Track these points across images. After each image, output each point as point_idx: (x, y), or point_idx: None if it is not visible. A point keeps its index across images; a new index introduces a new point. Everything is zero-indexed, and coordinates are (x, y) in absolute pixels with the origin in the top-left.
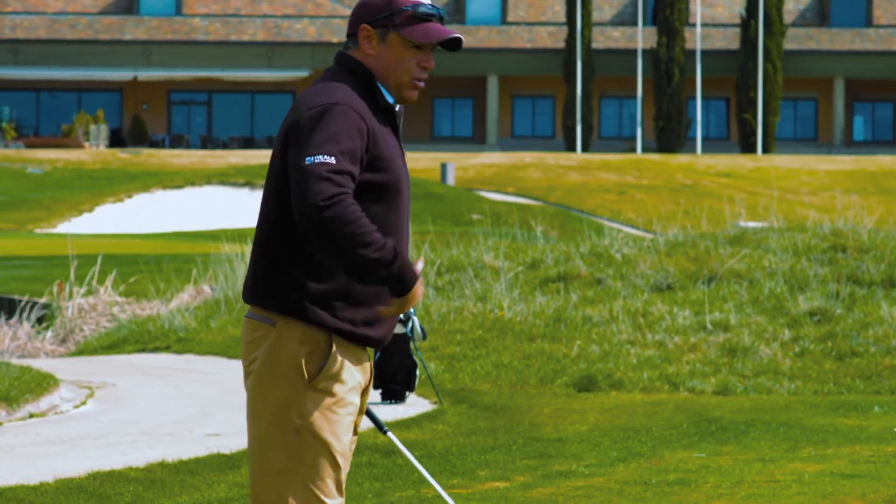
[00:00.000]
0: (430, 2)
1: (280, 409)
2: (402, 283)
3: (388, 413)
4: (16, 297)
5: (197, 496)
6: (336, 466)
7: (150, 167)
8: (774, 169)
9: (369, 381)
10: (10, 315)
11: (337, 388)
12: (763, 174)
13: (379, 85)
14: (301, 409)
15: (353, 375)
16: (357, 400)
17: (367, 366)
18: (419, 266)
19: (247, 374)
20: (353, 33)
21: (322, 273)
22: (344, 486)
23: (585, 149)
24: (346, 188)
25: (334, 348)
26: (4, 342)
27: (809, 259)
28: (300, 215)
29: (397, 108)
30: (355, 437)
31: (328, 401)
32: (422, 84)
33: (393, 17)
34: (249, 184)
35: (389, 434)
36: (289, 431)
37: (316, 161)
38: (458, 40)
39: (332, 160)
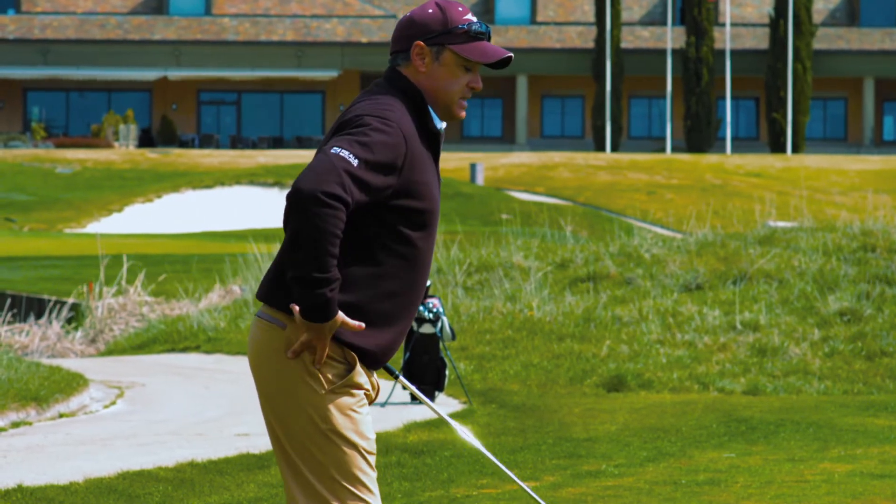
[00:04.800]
0: (478, 20)
1: (303, 416)
2: (317, 312)
3: (418, 413)
4: (45, 296)
5: (227, 496)
6: (368, 465)
7: (180, 167)
8: (804, 169)
9: (376, 392)
10: (39, 315)
11: (354, 389)
12: (793, 174)
13: (429, 107)
14: (323, 414)
15: (364, 378)
16: (367, 406)
17: (374, 380)
18: (342, 319)
19: (257, 379)
20: (403, 49)
21: (341, 286)
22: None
23: (615, 149)
24: (349, 200)
25: (354, 358)
26: (34, 342)
27: (839, 259)
28: (294, 190)
29: (442, 131)
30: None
31: (349, 401)
32: (466, 104)
33: (450, 36)
34: (279, 184)
35: (401, 377)
36: (316, 437)
37: (341, 154)
38: (510, 59)
39: (355, 163)
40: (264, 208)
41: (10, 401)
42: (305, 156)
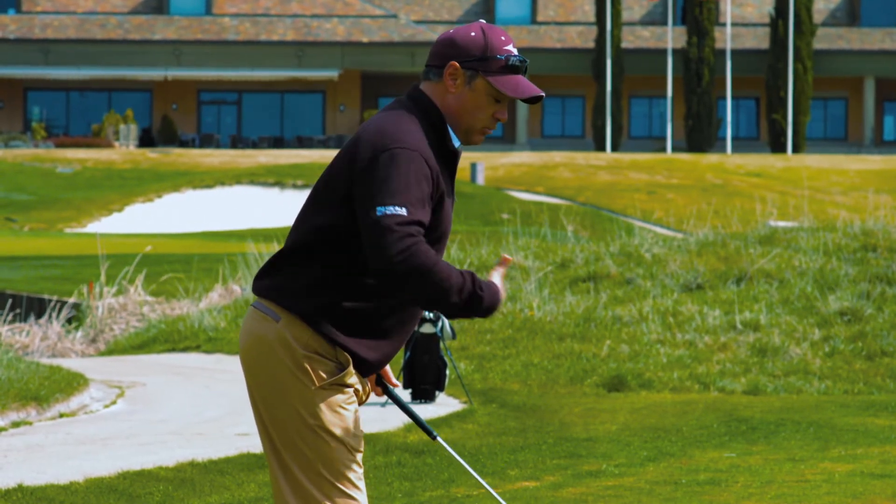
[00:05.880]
0: (517, 52)
1: (291, 410)
2: (491, 309)
3: (419, 413)
4: (46, 296)
5: (227, 496)
6: (355, 461)
7: (180, 167)
8: (804, 168)
9: (367, 395)
10: (39, 315)
11: (344, 387)
12: (793, 174)
13: (448, 127)
14: (312, 410)
15: (355, 379)
16: (356, 403)
17: (368, 388)
18: (497, 276)
19: (248, 370)
20: (437, 66)
21: (347, 294)
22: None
23: (615, 148)
24: (417, 236)
25: (347, 359)
26: (34, 342)
27: (840, 259)
28: (377, 271)
29: (459, 149)
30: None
31: (338, 398)
32: (489, 132)
33: (487, 63)
34: (279, 183)
35: (439, 439)
36: (304, 432)
37: (387, 213)
38: (541, 97)
39: (403, 211)
40: (264, 208)
41: (11, 400)
42: (306, 155)
